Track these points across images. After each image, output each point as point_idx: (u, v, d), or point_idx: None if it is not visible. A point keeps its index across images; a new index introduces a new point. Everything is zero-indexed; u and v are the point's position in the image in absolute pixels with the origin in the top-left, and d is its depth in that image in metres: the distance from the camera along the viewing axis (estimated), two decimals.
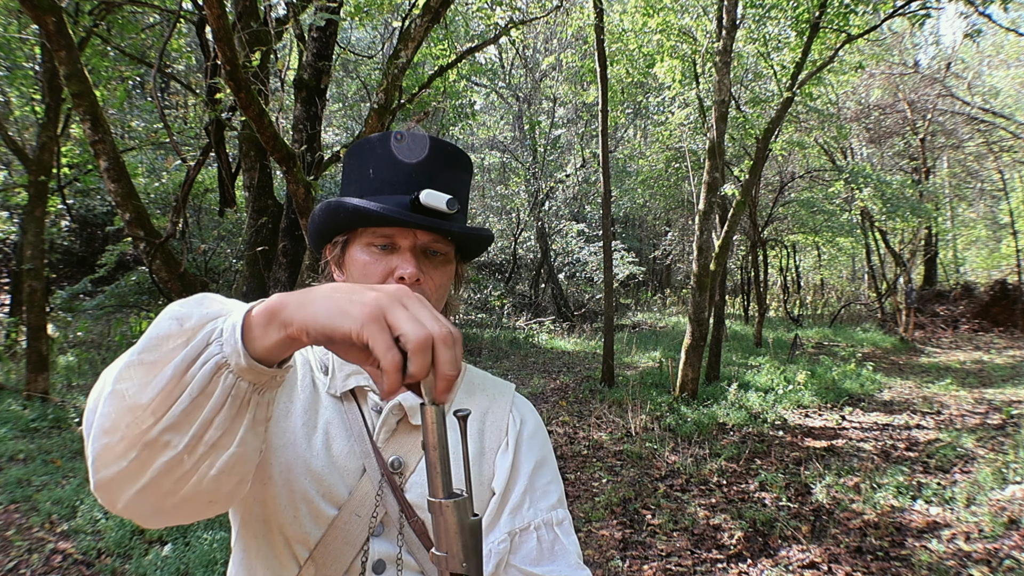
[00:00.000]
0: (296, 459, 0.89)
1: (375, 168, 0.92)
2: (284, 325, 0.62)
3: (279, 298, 0.64)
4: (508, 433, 0.99)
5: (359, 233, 0.92)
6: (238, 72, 3.43)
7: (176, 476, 0.65)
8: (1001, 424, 6.82)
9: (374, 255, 0.90)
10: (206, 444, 0.65)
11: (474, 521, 0.67)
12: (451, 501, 0.66)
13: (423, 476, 0.92)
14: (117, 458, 0.64)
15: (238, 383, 0.65)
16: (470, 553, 0.67)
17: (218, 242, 10.07)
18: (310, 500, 0.88)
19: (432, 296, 0.91)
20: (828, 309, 20.60)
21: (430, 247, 0.91)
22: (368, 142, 0.94)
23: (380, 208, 0.86)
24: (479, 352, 11.80)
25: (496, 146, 18.36)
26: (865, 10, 8.38)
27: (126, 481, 0.65)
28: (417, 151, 0.91)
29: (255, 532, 0.91)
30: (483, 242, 0.97)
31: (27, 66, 8.46)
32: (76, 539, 3.85)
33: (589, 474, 5.51)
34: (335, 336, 0.60)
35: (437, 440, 0.63)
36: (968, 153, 19.55)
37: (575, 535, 0.96)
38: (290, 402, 0.93)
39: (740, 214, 8.90)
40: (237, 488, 0.71)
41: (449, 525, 0.66)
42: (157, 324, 0.67)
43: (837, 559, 3.86)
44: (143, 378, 0.64)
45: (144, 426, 0.63)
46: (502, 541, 0.91)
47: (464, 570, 0.67)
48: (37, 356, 6.58)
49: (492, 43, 9.28)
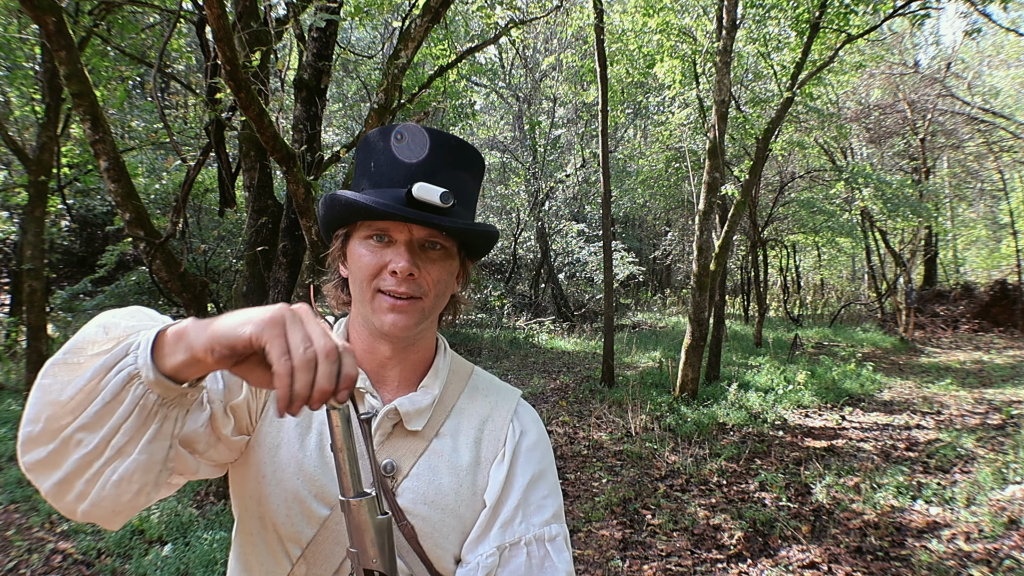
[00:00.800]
0: (289, 459, 0.90)
1: (376, 162, 0.92)
2: (188, 348, 0.67)
3: (189, 322, 0.69)
4: (506, 444, 0.97)
5: (358, 227, 0.92)
6: (238, 72, 3.43)
7: (86, 477, 0.70)
8: (1001, 424, 6.82)
9: (370, 248, 0.90)
10: (112, 448, 0.70)
11: (383, 519, 0.72)
12: (360, 500, 0.70)
13: (416, 481, 0.92)
14: (37, 446, 0.70)
15: (147, 394, 0.70)
16: (380, 550, 0.71)
17: (218, 242, 10.06)
18: (302, 500, 0.89)
19: (430, 291, 0.90)
20: (828, 309, 20.60)
21: (427, 241, 0.90)
22: (372, 136, 0.95)
23: (370, 201, 0.86)
24: (479, 352, 11.80)
25: (496, 146, 18.36)
26: (865, 10, 8.38)
27: (45, 470, 0.71)
28: (416, 147, 0.91)
29: (251, 528, 0.92)
30: (485, 237, 0.95)
31: (27, 66, 8.46)
32: (76, 539, 3.85)
33: (589, 474, 5.51)
34: (236, 345, 0.65)
35: (343, 442, 0.69)
36: (968, 153, 19.54)
37: (569, 552, 0.94)
38: None
39: (740, 214, 8.90)
40: (136, 499, 0.74)
41: (359, 523, 0.70)
42: (86, 329, 0.73)
43: (837, 559, 3.86)
44: (66, 377, 0.69)
45: (63, 422, 0.69)
46: (490, 555, 0.90)
47: (375, 566, 0.71)
48: (37, 356, 6.59)
49: (492, 43, 9.28)
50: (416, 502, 0.90)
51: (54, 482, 0.70)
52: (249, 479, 0.91)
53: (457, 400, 1.00)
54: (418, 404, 0.94)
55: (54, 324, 9.87)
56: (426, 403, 0.95)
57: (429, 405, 0.95)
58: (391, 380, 0.97)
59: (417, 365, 0.98)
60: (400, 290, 0.88)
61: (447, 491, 0.92)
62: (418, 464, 0.93)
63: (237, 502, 0.94)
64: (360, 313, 0.94)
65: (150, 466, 0.73)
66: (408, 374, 0.97)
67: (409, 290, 0.88)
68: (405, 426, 0.93)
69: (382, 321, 0.89)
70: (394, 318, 0.88)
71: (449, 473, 0.93)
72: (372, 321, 0.91)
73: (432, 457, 0.94)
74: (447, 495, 0.92)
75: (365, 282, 0.90)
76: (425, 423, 0.94)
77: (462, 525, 0.92)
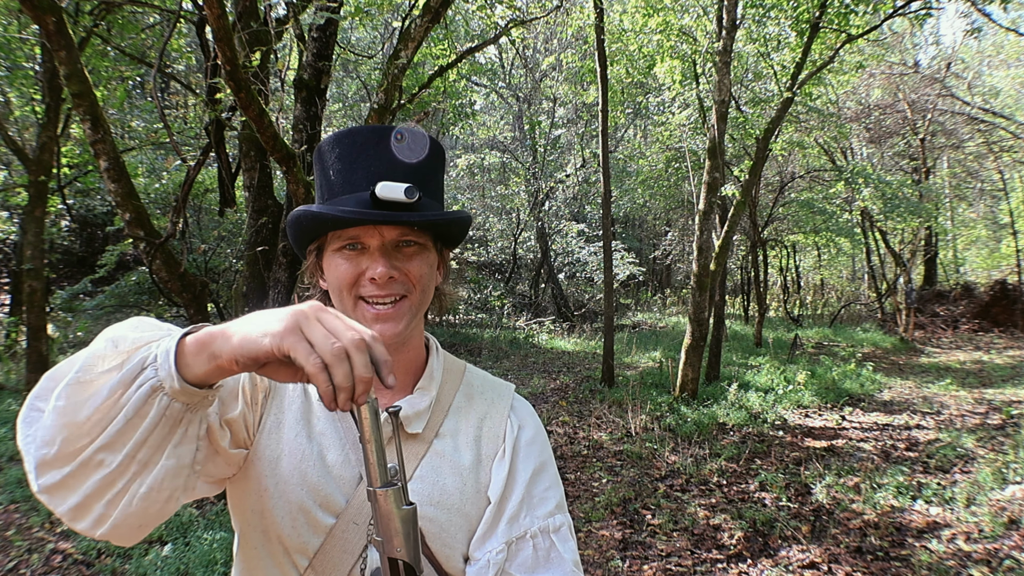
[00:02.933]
0: (292, 471, 0.89)
1: (334, 170, 0.90)
2: (214, 357, 0.67)
3: (209, 332, 0.68)
4: (505, 440, 0.98)
5: (329, 239, 0.91)
6: (238, 72, 3.43)
7: (107, 497, 0.69)
8: (1001, 424, 6.82)
9: (345, 258, 0.89)
10: (138, 463, 0.69)
11: (408, 509, 0.73)
12: (387, 489, 0.72)
13: (420, 484, 0.92)
14: (52, 469, 0.68)
15: (172, 404, 0.69)
16: (405, 539, 0.73)
17: (218, 242, 10.06)
18: (307, 510, 0.88)
19: (414, 288, 0.90)
20: (828, 309, 20.60)
21: (401, 240, 0.89)
22: (327, 142, 0.92)
23: (336, 211, 0.85)
24: (479, 352, 11.80)
25: (496, 146, 18.34)
26: (865, 10, 8.37)
27: (62, 492, 0.69)
28: (372, 147, 0.88)
29: (255, 543, 0.91)
30: (458, 224, 0.93)
31: (27, 66, 8.45)
32: (76, 539, 3.85)
33: (589, 474, 5.51)
34: (259, 356, 0.65)
35: (371, 434, 0.70)
36: (968, 153, 19.54)
37: (573, 540, 0.96)
38: (281, 413, 0.92)
39: (740, 214, 8.90)
40: (165, 507, 0.74)
41: (385, 512, 0.72)
42: (94, 345, 0.71)
43: (837, 559, 3.86)
44: (79, 396, 0.67)
45: (80, 444, 0.67)
46: (499, 551, 0.90)
47: (399, 555, 0.73)
48: (37, 356, 6.58)
49: (492, 43, 9.28)
50: (422, 504, 0.90)
51: (71, 505, 0.69)
52: (250, 493, 0.90)
53: (453, 400, 1.00)
54: (416, 407, 0.94)
55: (54, 324, 9.87)
56: (424, 405, 0.95)
57: (427, 407, 0.95)
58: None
59: (409, 366, 0.98)
60: (383, 294, 0.87)
61: (451, 491, 0.92)
62: (421, 466, 0.93)
63: (239, 517, 0.93)
64: None
65: (179, 471, 0.73)
66: (402, 377, 0.97)
67: (393, 291, 0.88)
68: (405, 429, 0.93)
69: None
70: (380, 327, 0.87)
71: (452, 473, 0.94)
72: None
73: (434, 458, 0.94)
74: (452, 495, 0.92)
75: (345, 292, 0.89)
76: (424, 425, 0.94)
77: (468, 523, 0.93)
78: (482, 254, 18.14)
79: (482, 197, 18.54)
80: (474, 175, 18.45)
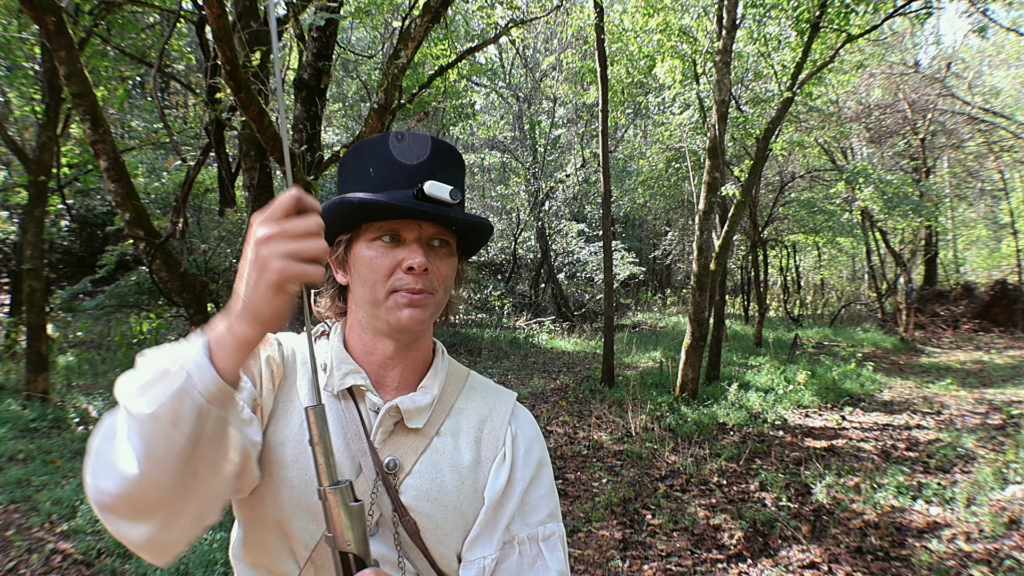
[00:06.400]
0: (294, 458, 0.89)
1: (375, 167, 0.92)
2: (247, 344, 0.70)
3: (215, 331, 0.71)
4: (505, 444, 0.99)
5: (363, 230, 0.92)
6: (238, 72, 3.43)
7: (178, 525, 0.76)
8: (1001, 424, 6.82)
9: (380, 249, 0.90)
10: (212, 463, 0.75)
11: (355, 506, 0.78)
12: (335, 488, 0.76)
13: (419, 478, 0.92)
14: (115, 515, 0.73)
15: (219, 415, 0.71)
16: (354, 533, 0.78)
17: (218, 242, 10.05)
18: (307, 498, 0.88)
19: (439, 287, 0.92)
20: (828, 309, 20.60)
21: (435, 238, 0.92)
22: (368, 143, 0.95)
23: (390, 199, 0.87)
24: (479, 352, 11.80)
25: (496, 146, 18.34)
26: (865, 10, 8.37)
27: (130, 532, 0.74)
28: (417, 149, 0.92)
29: (258, 533, 0.92)
30: (485, 232, 0.98)
31: (27, 66, 8.45)
32: (76, 539, 3.85)
33: (589, 474, 5.51)
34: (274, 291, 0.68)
35: (319, 437, 0.76)
36: (968, 153, 19.53)
37: (563, 551, 0.96)
38: (288, 401, 0.93)
39: (740, 214, 8.90)
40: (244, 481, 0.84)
41: (334, 509, 0.77)
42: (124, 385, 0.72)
43: (837, 559, 3.85)
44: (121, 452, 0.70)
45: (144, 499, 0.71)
46: (492, 556, 0.91)
47: (350, 549, 0.78)
48: (37, 356, 6.58)
49: (492, 43, 9.28)
50: (419, 499, 0.91)
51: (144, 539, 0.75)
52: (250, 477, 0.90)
53: (455, 400, 1.00)
54: (418, 403, 0.95)
55: (54, 324, 9.87)
56: (426, 402, 0.95)
57: (429, 404, 0.96)
58: (391, 381, 0.97)
59: (417, 365, 0.99)
60: (417, 287, 0.89)
61: (450, 488, 0.93)
62: (420, 461, 0.93)
63: (242, 507, 0.93)
64: (366, 315, 0.94)
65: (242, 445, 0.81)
66: (408, 375, 0.98)
67: (424, 286, 0.90)
68: (406, 424, 0.94)
69: (398, 317, 0.90)
70: (411, 312, 0.89)
71: (451, 471, 0.94)
72: (387, 320, 0.91)
73: (434, 455, 0.94)
74: (450, 492, 0.93)
75: (379, 283, 0.90)
76: (425, 421, 0.95)
77: (464, 522, 0.93)
78: (482, 254, 18.14)
79: (482, 197, 18.54)
80: (474, 175, 18.44)
